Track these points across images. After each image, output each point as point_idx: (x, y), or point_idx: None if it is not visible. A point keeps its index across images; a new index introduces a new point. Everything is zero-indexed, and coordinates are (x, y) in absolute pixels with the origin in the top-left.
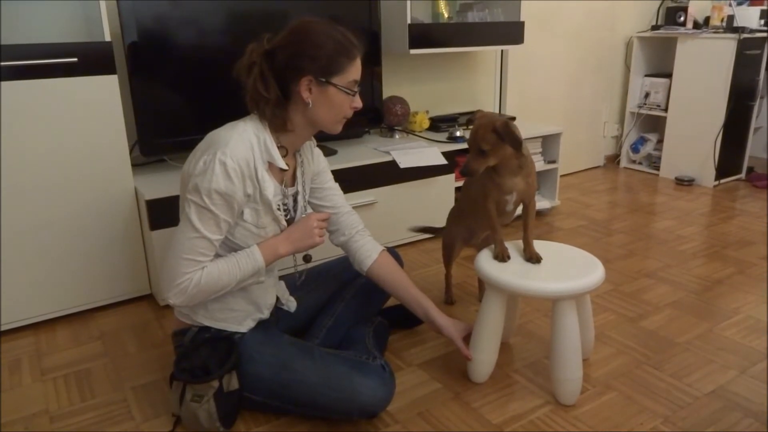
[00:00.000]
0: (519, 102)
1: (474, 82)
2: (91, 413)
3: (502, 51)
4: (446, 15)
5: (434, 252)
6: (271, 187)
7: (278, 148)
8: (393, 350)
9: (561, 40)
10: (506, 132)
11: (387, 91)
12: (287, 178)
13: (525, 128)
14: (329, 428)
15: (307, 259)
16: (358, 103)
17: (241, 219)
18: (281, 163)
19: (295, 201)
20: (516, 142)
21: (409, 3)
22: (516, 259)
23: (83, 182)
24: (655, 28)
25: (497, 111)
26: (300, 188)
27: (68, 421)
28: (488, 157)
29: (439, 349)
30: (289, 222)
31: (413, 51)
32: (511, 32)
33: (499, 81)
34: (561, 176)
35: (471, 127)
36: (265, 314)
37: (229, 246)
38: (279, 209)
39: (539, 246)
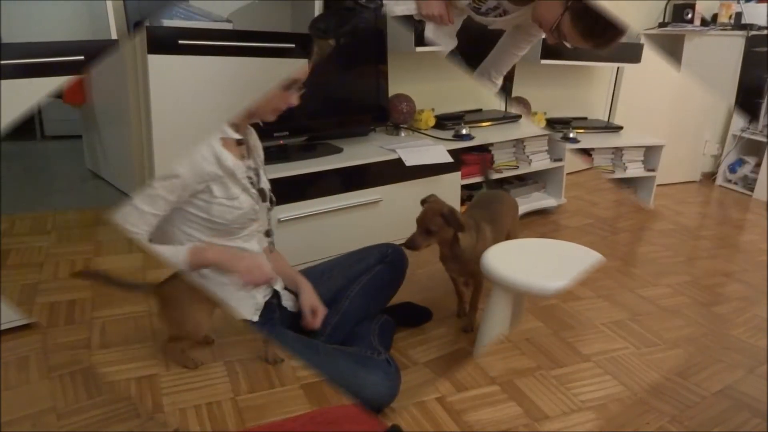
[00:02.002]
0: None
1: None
2: (98, 411)
3: None
4: None
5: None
6: (230, 158)
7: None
8: (398, 348)
9: None
10: (452, 218)
11: (393, 89)
12: (243, 152)
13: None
14: None
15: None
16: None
17: (212, 196)
18: (232, 134)
19: (257, 174)
20: (460, 227)
21: None
22: (521, 258)
23: None
24: (662, 25)
25: (504, 110)
26: (256, 163)
27: (75, 418)
28: (432, 236)
29: (445, 347)
30: (260, 193)
31: (419, 49)
32: None
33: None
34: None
35: (423, 207)
36: (258, 297)
37: (209, 227)
38: (245, 179)
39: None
